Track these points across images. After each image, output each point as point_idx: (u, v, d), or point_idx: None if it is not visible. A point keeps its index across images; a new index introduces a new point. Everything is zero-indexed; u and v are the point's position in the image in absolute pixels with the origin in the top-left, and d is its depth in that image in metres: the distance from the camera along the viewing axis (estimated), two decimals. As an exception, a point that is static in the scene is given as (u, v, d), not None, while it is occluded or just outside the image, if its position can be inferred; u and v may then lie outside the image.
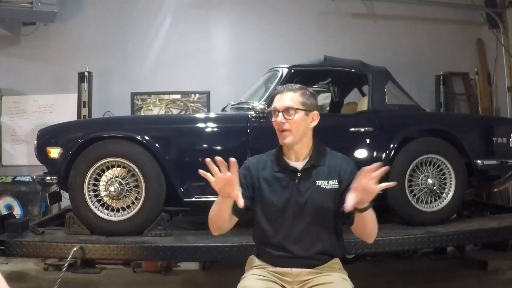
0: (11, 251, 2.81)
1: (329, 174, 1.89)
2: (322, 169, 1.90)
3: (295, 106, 1.88)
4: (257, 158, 2.01)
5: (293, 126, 1.87)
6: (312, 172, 1.90)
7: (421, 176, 3.20)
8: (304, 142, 1.92)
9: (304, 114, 1.90)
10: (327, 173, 1.89)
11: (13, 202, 4.66)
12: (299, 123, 1.88)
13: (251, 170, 1.95)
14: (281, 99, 1.92)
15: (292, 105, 1.88)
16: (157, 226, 2.95)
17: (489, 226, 3.24)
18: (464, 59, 5.51)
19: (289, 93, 1.92)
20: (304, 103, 1.90)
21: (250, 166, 1.96)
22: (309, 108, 1.92)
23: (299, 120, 1.88)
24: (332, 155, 1.97)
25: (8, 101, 5.24)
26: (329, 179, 1.88)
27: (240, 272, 1.98)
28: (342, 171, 1.89)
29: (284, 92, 1.93)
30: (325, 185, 1.87)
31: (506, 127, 3.60)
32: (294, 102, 1.89)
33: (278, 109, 1.91)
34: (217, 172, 1.68)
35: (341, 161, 1.94)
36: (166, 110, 5.29)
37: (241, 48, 5.35)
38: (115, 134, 3.00)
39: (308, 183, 1.88)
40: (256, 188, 1.92)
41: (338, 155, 1.98)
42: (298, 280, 1.86)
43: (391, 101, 3.39)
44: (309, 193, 1.87)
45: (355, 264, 4.28)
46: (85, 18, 5.25)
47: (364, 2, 5.49)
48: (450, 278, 4.02)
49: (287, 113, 1.88)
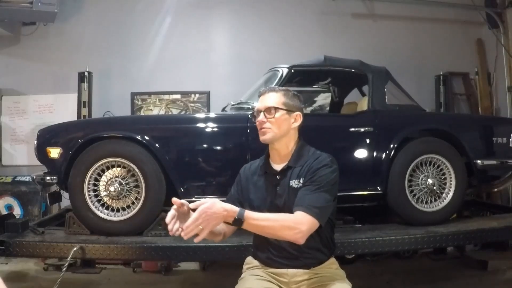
0: (11, 251, 2.80)
1: (301, 173, 1.86)
2: (297, 169, 1.88)
3: (276, 105, 1.90)
4: (250, 164, 2.06)
5: (274, 124, 1.88)
6: (287, 173, 1.89)
7: (421, 176, 3.20)
8: (285, 141, 1.92)
9: (285, 113, 1.91)
10: (299, 172, 1.86)
11: (13, 202, 4.66)
12: (280, 122, 1.89)
13: (241, 177, 2.02)
14: (263, 99, 1.94)
15: (273, 105, 1.90)
16: (157, 226, 2.95)
17: (489, 226, 3.23)
18: (464, 59, 5.51)
19: (271, 94, 1.94)
20: (286, 103, 1.91)
21: (241, 173, 2.04)
22: (291, 109, 1.92)
23: (280, 119, 1.89)
24: (314, 154, 1.91)
25: (8, 101, 5.24)
26: (300, 178, 1.85)
27: (240, 272, 1.99)
28: (309, 167, 1.84)
29: (266, 93, 1.95)
30: (297, 184, 1.84)
31: (506, 127, 3.60)
32: (276, 102, 1.91)
33: (260, 109, 1.93)
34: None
35: (316, 158, 1.88)
36: (166, 110, 5.29)
37: (241, 48, 5.35)
38: (115, 134, 2.99)
39: (284, 185, 1.88)
40: (245, 194, 1.96)
41: (317, 153, 1.92)
42: (294, 281, 1.86)
43: (391, 101, 3.39)
44: (285, 195, 1.86)
45: (355, 264, 4.29)
46: (85, 18, 5.25)
47: (364, 2, 5.49)
48: (450, 278, 4.02)
49: (268, 112, 1.89)
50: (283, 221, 1.68)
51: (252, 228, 1.68)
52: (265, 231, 1.69)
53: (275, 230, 1.67)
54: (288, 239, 1.70)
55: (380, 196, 3.18)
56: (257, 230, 1.70)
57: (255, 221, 1.65)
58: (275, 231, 1.68)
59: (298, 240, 1.68)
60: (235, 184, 2.04)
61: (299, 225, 1.67)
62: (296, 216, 1.70)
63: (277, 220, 1.68)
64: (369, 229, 3.10)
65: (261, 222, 1.66)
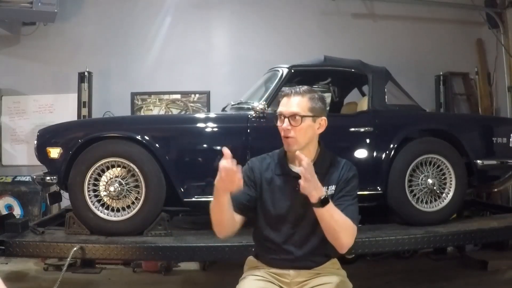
0: (11, 251, 2.80)
1: (329, 180, 1.83)
2: (323, 176, 1.82)
3: (302, 113, 1.78)
4: (259, 160, 1.95)
5: (299, 134, 1.78)
6: None
7: (421, 176, 3.20)
8: (309, 149, 1.85)
9: (311, 121, 1.80)
10: (327, 180, 1.83)
11: (13, 202, 4.66)
12: (305, 131, 1.79)
13: (254, 171, 1.89)
14: (287, 103, 1.82)
15: (300, 112, 1.78)
16: (157, 226, 2.95)
17: (489, 226, 3.24)
18: (464, 59, 5.51)
19: (296, 98, 1.81)
20: (312, 109, 1.80)
21: (254, 168, 1.91)
22: (317, 114, 1.82)
23: (305, 127, 1.79)
24: (336, 161, 1.90)
25: (8, 101, 5.24)
26: (328, 185, 1.82)
27: (240, 272, 1.98)
28: (341, 177, 1.84)
29: (292, 96, 1.82)
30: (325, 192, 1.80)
31: (506, 127, 3.60)
32: (302, 108, 1.79)
33: (284, 114, 1.80)
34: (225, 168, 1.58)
35: (343, 166, 1.87)
36: (166, 110, 5.29)
37: (241, 48, 5.35)
38: (115, 134, 3.00)
39: None
40: (259, 190, 1.88)
41: (342, 161, 1.90)
42: (296, 281, 1.85)
43: (391, 101, 3.39)
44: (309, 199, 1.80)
45: (355, 264, 4.28)
46: (85, 18, 5.24)
47: (364, 2, 5.49)
48: (450, 278, 4.02)
49: (294, 120, 1.77)
50: (348, 223, 1.71)
51: (326, 213, 1.67)
52: (334, 224, 1.68)
53: (341, 227, 1.69)
54: (340, 241, 1.72)
55: (380, 196, 3.18)
56: (329, 219, 1.68)
57: (334, 211, 1.68)
58: (341, 228, 1.69)
59: (346, 247, 1.73)
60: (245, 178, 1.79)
61: (353, 233, 1.73)
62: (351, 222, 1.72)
63: (345, 221, 1.70)
64: (369, 229, 3.09)
65: (337, 215, 1.69)
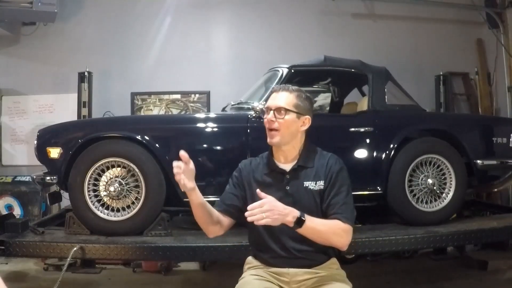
0: (11, 251, 2.80)
1: (316, 175, 1.89)
2: (310, 170, 1.90)
3: (287, 107, 1.88)
4: (250, 160, 2.04)
5: (282, 126, 1.88)
6: (300, 174, 1.90)
7: (421, 176, 3.19)
8: (293, 144, 1.92)
9: (295, 117, 1.90)
10: (314, 174, 1.89)
11: (13, 202, 4.66)
12: (288, 125, 1.89)
13: (242, 172, 1.98)
14: (275, 98, 1.93)
15: (284, 106, 1.89)
16: (157, 226, 2.95)
17: (489, 226, 3.23)
18: (464, 59, 5.52)
19: (284, 93, 1.92)
20: (297, 106, 1.91)
21: (242, 168, 2.00)
22: (302, 112, 1.91)
23: (289, 121, 1.89)
24: (322, 155, 1.95)
25: (8, 101, 5.24)
26: (316, 180, 1.88)
27: (240, 272, 1.99)
28: (329, 171, 1.89)
29: (280, 91, 1.94)
30: (313, 186, 1.87)
31: (506, 127, 3.60)
32: (287, 103, 1.89)
33: (271, 107, 1.91)
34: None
35: (329, 160, 1.92)
36: (166, 110, 5.29)
37: (241, 48, 5.35)
38: (115, 134, 2.99)
39: (296, 185, 1.88)
40: (248, 189, 1.93)
41: (328, 155, 1.96)
42: (295, 280, 1.86)
43: (391, 101, 3.39)
44: (297, 194, 1.87)
45: (355, 264, 4.28)
46: (85, 18, 5.25)
47: (364, 2, 5.49)
48: (450, 278, 4.02)
49: (278, 113, 1.88)
50: (334, 227, 1.78)
51: (308, 231, 1.72)
52: (319, 235, 1.76)
53: (328, 235, 1.76)
54: (335, 245, 1.82)
55: (380, 196, 3.18)
56: (312, 233, 1.74)
57: (313, 224, 1.73)
58: (328, 236, 1.77)
59: (344, 247, 1.81)
60: (233, 179, 1.99)
61: (345, 233, 1.79)
62: (339, 223, 1.79)
63: (330, 227, 1.77)
64: (369, 229, 3.10)
65: (319, 226, 1.74)
